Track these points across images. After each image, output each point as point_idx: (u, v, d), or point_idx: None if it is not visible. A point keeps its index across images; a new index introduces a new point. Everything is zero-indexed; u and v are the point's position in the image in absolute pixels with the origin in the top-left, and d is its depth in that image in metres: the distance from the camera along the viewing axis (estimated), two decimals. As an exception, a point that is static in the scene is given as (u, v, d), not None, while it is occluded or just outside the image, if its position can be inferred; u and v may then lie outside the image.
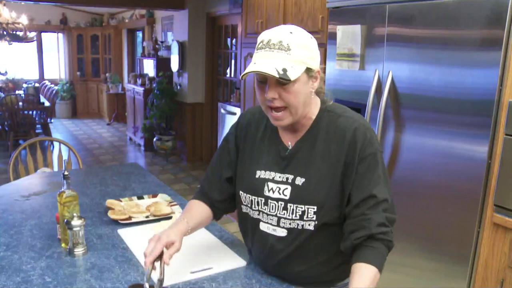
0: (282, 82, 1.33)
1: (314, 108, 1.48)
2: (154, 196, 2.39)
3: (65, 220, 1.73)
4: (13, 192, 2.49)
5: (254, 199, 1.53)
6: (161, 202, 2.26)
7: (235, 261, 1.70)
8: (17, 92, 8.26)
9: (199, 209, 1.65)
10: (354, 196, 1.41)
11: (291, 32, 1.35)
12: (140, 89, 7.94)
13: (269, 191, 1.50)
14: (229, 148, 1.66)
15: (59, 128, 10.22)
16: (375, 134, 1.47)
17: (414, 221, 2.63)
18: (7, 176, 3.18)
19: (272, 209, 1.49)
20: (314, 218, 1.43)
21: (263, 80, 1.39)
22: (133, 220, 2.07)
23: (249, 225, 1.60)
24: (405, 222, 2.66)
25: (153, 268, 1.37)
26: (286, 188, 1.47)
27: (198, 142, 7.17)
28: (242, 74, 1.37)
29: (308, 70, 1.38)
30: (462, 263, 2.38)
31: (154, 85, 7.42)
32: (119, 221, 2.04)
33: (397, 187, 2.69)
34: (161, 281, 1.34)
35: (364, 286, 1.30)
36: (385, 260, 1.41)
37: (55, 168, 3.56)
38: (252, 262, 1.69)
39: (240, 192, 1.58)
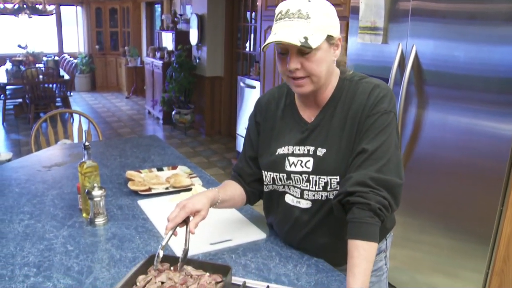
0: (304, 51, 1.31)
1: (334, 79, 1.46)
2: (174, 168, 2.40)
3: (86, 190, 1.74)
4: (35, 163, 2.52)
5: (276, 175, 1.51)
6: (181, 174, 2.27)
7: (255, 234, 1.70)
8: (37, 65, 8.28)
9: (233, 186, 1.64)
10: (353, 152, 1.38)
11: (309, 1, 1.32)
12: (159, 63, 7.92)
13: (290, 165, 1.48)
14: (249, 129, 1.65)
15: (78, 102, 10.30)
16: (392, 95, 1.42)
17: (434, 198, 2.60)
18: (29, 148, 3.21)
19: (296, 182, 1.48)
20: (338, 188, 1.41)
21: (284, 51, 1.36)
22: (153, 191, 2.08)
23: (273, 200, 1.60)
24: (424, 199, 2.64)
25: (174, 234, 1.36)
26: (308, 160, 1.45)
27: (216, 115, 7.17)
28: (263, 46, 1.34)
29: (329, 38, 1.35)
30: (483, 242, 2.35)
31: (173, 58, 7.39)
32: (139, 192, 2.06)
33: (418, 164, 2.66)
34: (186, 251, 1.32)
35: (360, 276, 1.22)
36: (371, 225, 1.27)
37: (75, 140, 3.59)
38: (272, 235, 1.69)
39: (263, 171, 1.56)
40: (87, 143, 1.76)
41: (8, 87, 7.97)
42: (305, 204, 1.49)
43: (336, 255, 1.54)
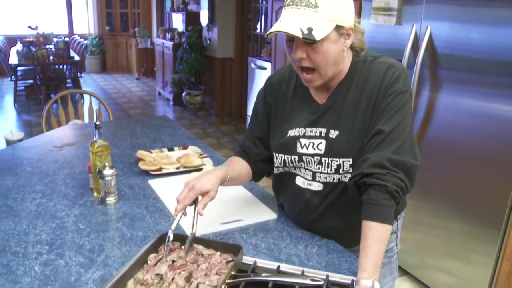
0: (309, 41, 1.27)
1: (346, 62, 1.42)
2: (185, 148, 2.39)
3: (97, 170, 1.74)
4: (46, 143, 2.53)
5: (288, 158, 1.50)
6: (192, 154, 2.26)
7: (266, 214, 1.70)
8: (47, 46, 8.28)
9: (240, 163, 1.63)
10: (368, 133, 1.36)
11: None
12: (169, 44, 7.89)
13: (302, 147, 1.46)
14: (257, 110, 1.63)
15: (89, 83, 10.31)
16: (407, 74, 1.39)
17: (445, 182, 2.58)
18: (40, 128, 3.23)
19: (307, 164, 1.47)
20: (351, 171, 1.40)
21: (291, 39, 1.32)
22: (164, 171, 2.08)
23: (284, 182, 1.59)
24: (436, 183, 2.62)
25: (184, 214, 1.35)
26: (321, 143, 1.43)
27: (227, 97, 7.15)
28: (267, 33, 1.31)
29: (339, 28, 1.30)
30: (494, 226, 2.34)
31: (183, 39, 7.36)
32: (150, 172, 2.06)
33: (430, 148, 2.64)
34: (193, 235, 1.32)
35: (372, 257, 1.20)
36: (387, 207, 1.26)
37: (86, 120, 3.60)
38: (283, 215, 1.69)
39: (274, 153, 1.55)
40: (98, 123, 1.76)
41: (19, 68, 7.98)
42: (316, 186, 1.48)
43: (347, 237, 1.53)
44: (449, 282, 2.68)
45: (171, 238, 1.28)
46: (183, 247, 1.32)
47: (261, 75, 5.24)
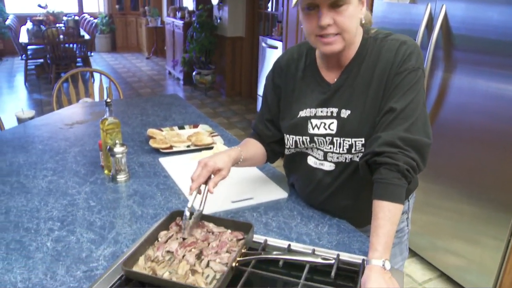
0: (337, 3, 1.24)
1: (358, 39, 1.39)
2: (195, 126, 2.39)
3: (108, 147, 1.74)
4: (57, 121, 2.53)
5: (299, 139, 1.48)
6: (202, 132, 2.25)
7: (277, 193, 1.69)
8: (57, 25, 8.26)
9: (254, 145, 1.62)
10: (380, 111, 1.34)
11: None
12: (180, 23, 7.84)
13: (313, 128, 1.44)
14: (266, 93, 1.61)
15: (99, 62, 10.30)
16: (419, 51, 1.36)
17: (457, 164, 2.56)
18: (51, 107, 3.23)
19: (319, 145, 1.45)
20: (363, 150, 1.38)
21: (313, 6, 1.28)
22: (174, 149, 2.07)
23: (295, 162, 1.57)
24: (447, 165, 2.59)
25: (198, 192, 1.34)
26: (332, 122, 1.41)
27: (237, 76, 7.12)
28: (293, 2, 1.28)
29: None
30: (506, 209, 2.32)
31: (193, 18, 7.30)
32: (160, 150, 2.05)
33: (442, 129, 2.60)
34: (200, 212, 1.31)
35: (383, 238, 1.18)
36: (398, 186, 1.24)
37: (96, 99, 3.59)
38: (294, 194, 1.68)
39: (285, 134, 1.53)
40: (108, 100, 1.75)
41: (29, 47, 7.98)
42: (328, 166, 1.46)
43: (358, 217, 1.52)
44: (459, 265, 2.68)
45: (188, 216, 1.27)
46: (180, 220, 1.32)
47: (272, 54, 5.19)
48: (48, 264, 1.26)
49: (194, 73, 7.20)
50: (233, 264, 1.11)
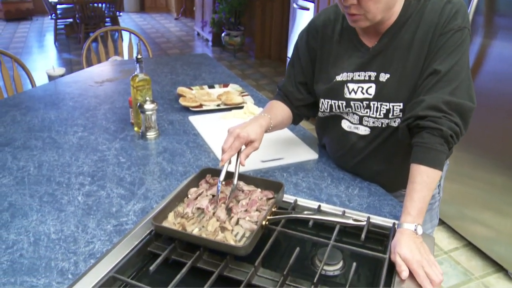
0: None
1: (398, 4, 1.31)
2: (225, 85, 2.36)
3: (138, 104, 1.74)
4: (87, 78, 2.54)
5: (335, 103, 1.43)
6: (232, 91, 2.23)
7: (307, 154, 1.67)
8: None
9: (281, 109, 1.56)
10: (422, 74, 1.28)
11: None
12: (209, -18, 7.72)
13: (350, 92, 1.40)
14: (299, 55, 1.54)
15: (127, 22, 10.28)
16: (465, 9, 1.28)
17: (491, 134, 2.48)
18: (81, 67, 3.24)
19: (355, 109, 1.41)
20: (401, 116, 1.33)
21: None
22: (204, 107, 2.06)
23: (328, 124, 1.54)
24: (481, 134, 2.52)
25: (229, 163, 1.29)
26: (370, 87, 1.36)
27: (267, 38, 7.01)
28: None
29: None
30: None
31: (223, -22, 7.18)
32: (190, 108, 2.04)
33: (478, 98, 2.47)
34: (235, 185, 1.24)
35: (417, 206, 1.16)
36: (439, 152, 1.20)
37: (126, 57, 3.59)
38: (324, 156, 1.65)
39: (320, 98, 1.48)
40: (139, 56, 1.73)
41: (58, 6, 7.98)
42: (363, 130, 1.43)
43: (389, 182, 1.50)
44: (487, 235, 2.63)
45: (220, 189, 1.23)
46: (223, 182, 1.29)
47: (303, 15, 5.07)
48: (80, 217, 1.28)
49: (223, 35, 7.12)
50: (263, 223, 1.10)
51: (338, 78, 1.41)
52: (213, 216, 1.16)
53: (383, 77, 1.34)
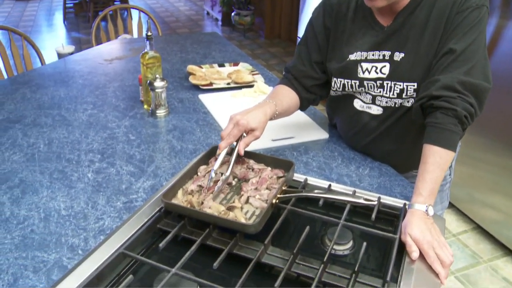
0: None
1: None
2: (236, 64, 2.34)
3: (148, 81, 1.73)
4: (97, 56, 2.53)
5: (347, 82, 1.41)
6: (243, 70, 2.21)
7: (317, 133, 1.66)
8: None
9: (288, 95, 1.50)
10: (437, 53, 1.26)
11: None
12: (219, -40, 7.63)
13: (363, 72, 1.37)
14: (315, 32, 1.48)
15: (136, 1, 10.21)
16: None
17: (504, 118, 2.44)
18: (90, 45, 3.22)
19: (368, 88, 1.39)
20: (415, 96, 1.31)
21: None
22: (214, 86, 2.05)
23: (340, 104, 1.52)
24: (493, 117, 2.48)
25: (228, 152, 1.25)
26: (384, 66, 1.34)
27: (277, 18, 6.93)
28: None
29: None
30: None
31: (233, -44, 7.10)
32: (200, 87, 2.03)
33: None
34: (226, 177, 1.18)
35: (429, 187, 1.13)
36: (453, 132, 1.18)
37: (135, 36, 3.57)
38: (335, 136, 1.64)
39: (332, 77, 1.45)
40: (149, 33, 1.71)
41: (68, -16, 7.96)
42: (375, 110, 1.41)
43: (400, 162, 1.48)
44: (496, 219, 2.62)
45: (214, 178, 1.19)
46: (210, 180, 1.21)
47: (314, -6, 5.01)
48: (89, 194, 1.28)
49: (233, 14, 7.06)
50: (273, 201, 1.09)
51: (352, 57, 1.39)
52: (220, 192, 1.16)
53: (398, 56, 1.32)
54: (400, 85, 1.33)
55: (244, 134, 1.27)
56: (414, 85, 1.30)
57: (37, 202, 1.23)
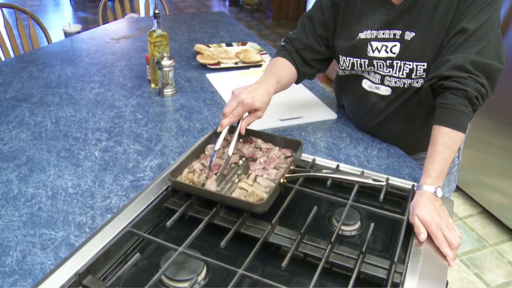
0: None
1: None
2: (244, 44, 2.32)
3: (155, 60, 1.71)
4: (104, 35, 2.51)
5: (357, 61, 1.39)
6: (251, 50, 2.19)
7: (326, 113, 1.64)
8: None
9: (287, 69, 1.46)
10: (449, 32, 1.23)
11: None
12: None
13: (373, 51, 1.35)
14: (322, 7, 1.45)
15: (145, -20, 10.14)
16: None
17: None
18: (97, 25, 3.20)
19: (378, 68, 1.36)
20: (424, 76, 1.29)
21: None
22: (222, 65, 2.03)
23: (348, 84, 1.50)
24: (502, 101, 2.45)
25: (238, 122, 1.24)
26: (395, 45, 1.32)
27: (285, -2, 6.87)
28: None
29: None
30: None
31: None
32: (208, 66, 2.02)
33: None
34: (229, 158, 1.17)
35: (438, 167, 1.12)
36: (463, 113, 1.16)
37: (142, 15, 3.54)
38: (343, 116, 1.63)
39: (340, 56, 1.43)
40: (157, 11, 1.69)
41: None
42: (384, 90, 1.39)
43: (409, 144, 1.47)
44: (503, 203, 2.60)
45: (213, 161, 1.16)
46: (241, 140, 1.27)
47: (322, -26, 4.94)
48: (96, 172, 1.28)
49: (240, -6, 7.00)
50: (281, 181, 1.08)
51: (362, 35, 1.36)
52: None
53: (408, 35, 1.29)
54: (409, 65, 1.30)
55: (246, 113, 1.25)
56: (424, 65, 1.28)
57: (45, 180, 1.23)
